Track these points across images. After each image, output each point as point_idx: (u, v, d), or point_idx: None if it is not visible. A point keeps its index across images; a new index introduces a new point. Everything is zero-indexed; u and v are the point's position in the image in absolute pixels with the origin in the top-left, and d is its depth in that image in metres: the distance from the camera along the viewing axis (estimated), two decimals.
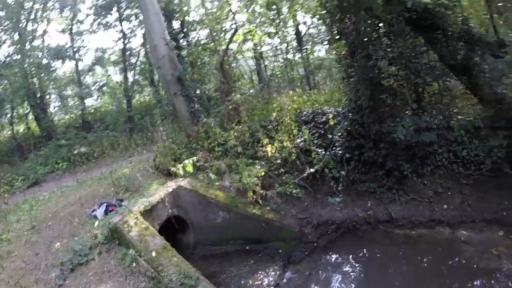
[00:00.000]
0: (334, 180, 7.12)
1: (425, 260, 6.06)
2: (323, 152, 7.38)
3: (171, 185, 7.56)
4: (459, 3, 8.00)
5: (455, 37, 7.63)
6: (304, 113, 8.71)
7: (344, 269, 6.15)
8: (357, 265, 6.20)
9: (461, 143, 7.36)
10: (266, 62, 16.50)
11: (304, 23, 15.65)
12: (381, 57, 7.48)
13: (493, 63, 8.60)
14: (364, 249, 6.46)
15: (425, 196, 7.12)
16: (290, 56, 15.27)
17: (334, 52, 9.01)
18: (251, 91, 11.65)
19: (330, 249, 6.59)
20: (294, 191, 7.32)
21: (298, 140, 7.90)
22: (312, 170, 7.15)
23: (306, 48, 14.56)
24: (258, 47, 15.31)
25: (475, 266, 5.75)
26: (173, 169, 8.35)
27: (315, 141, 7.72)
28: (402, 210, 7.03)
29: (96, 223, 6.29)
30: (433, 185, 7.19)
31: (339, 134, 7.47)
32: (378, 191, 7.22)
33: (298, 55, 15.05)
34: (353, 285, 5.79)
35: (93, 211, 6.94)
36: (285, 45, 15.37)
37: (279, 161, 7.85)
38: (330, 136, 7.60)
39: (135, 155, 11.87)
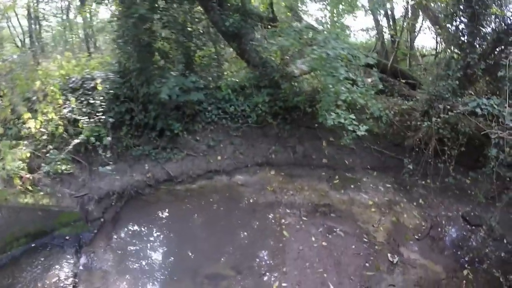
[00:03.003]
0: (105, 148, 6.78)
1: (211, 206, 6.71)
2: (91, 120, 6.82)
3: None
4: None
5: (232, 9, 8.41)
6: (73, 79, 7.67)
7: (139, 235, 6.12)
8: (149, 227, 6.28)
9: (229, 101, 8.37)
10: (44, 23, 13.41)
11: None
12: (155, 20, 7.33)
13: (262, 33, 10.18)
14: (152, 211, 6.57)
15: (199, 151, 7.78)
16: (71, 16, 12.98)
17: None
18: (14, 57, 9.32)
19: (119, 220, 6.38)
20: (65, 167, 6.51)
21: (65, 110, 6.94)
22: (77, 140, 6.49)
23: (90, 8, 12.64)
24: (33, 4, 12.19)
25: (256, 202, 6.80)
26: None
27: (84, 109, 7.01)
28: (179, 167, 7.46)
29: None
30: (206, 140, 7.94)
31: (105, 98, 7.06)
32: (153, 152, 7.34)
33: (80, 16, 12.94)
34: (152, 247, 5.86)
35: None
36: (66, 3, 12.89)
37: (45, 137, 6.75)
38: (98, 102, 7.07)
39: None
